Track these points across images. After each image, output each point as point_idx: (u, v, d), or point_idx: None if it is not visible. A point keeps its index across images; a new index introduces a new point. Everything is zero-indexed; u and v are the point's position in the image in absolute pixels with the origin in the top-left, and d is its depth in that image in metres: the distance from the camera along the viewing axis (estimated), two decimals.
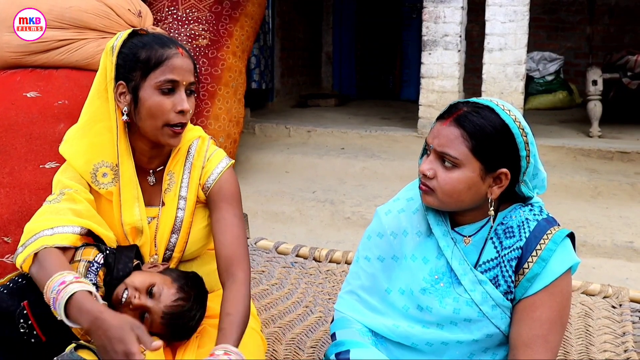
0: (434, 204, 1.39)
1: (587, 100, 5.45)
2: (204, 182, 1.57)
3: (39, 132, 2.71)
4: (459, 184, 1.34)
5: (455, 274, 1.40)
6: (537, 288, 1.34)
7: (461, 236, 1.44)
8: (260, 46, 6.65)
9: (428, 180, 1.38)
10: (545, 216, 1.40)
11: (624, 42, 7.28)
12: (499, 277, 1.38)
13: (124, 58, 1.48)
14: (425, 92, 5.21)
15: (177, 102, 1.46)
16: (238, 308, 1.41)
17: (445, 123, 1.36)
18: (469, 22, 5.31)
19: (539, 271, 1.34)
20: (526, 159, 1.35)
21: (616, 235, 3.72)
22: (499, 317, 1.38)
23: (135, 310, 1.40)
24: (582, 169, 4.71)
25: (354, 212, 4.18)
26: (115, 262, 1.47)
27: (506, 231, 1.39)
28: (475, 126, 1.32)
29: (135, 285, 1.42)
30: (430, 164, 1.38)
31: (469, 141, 1.33)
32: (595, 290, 1.91)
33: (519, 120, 1.35)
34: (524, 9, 4.86)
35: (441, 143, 1.35)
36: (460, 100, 1.41)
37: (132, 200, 1.53)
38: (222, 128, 4.39)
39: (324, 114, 6.83)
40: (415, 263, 1.44)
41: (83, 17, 3.03)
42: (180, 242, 1.57)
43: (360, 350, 1.41)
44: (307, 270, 2.15)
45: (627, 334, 1.75)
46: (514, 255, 1.37)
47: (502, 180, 1.36)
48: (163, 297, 1.42)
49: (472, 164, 1.33)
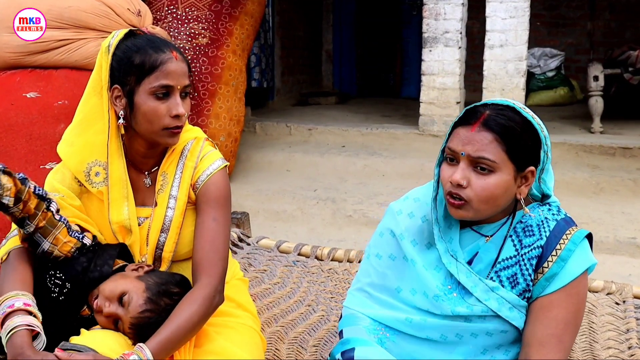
0: (468, 216, 1.37)
1: (589, 96, 5.43)
2: (194, 183, 1.57)
3: (39, 132, 2.71)
4: (497, 189, 1.33)
5: (465, 288, 1.40)
6: (555, 287, 1.34)
7: (482, 235, 1.43)
8: (260, 45, 6.64)
9: (461, 190, 1.34)
10: (564, 216, 1.41)
11: (624, 37, 7.26)
12: (518, 275, 1.38)
13: (118, 61, 1.47)
14: (426, 90, 5.20)
15: (172, 106, 1.46)
16: (181, 312, 1.40)
17: (473, 129, 1.34)
18: (469, 18, 5.30)
19: (557, 271, 1.34)
20: (546, 154, 1.37)
21: (619, 231, 3.71)
22: (518, 318, 1.38)
23: (106, 317, 1.40)
24: (584, 165, 4.70)
25: (355, 210, 4.17)
26: (95, 257, 1.47)
27: (525, 230, 1.39)
28: (506, 128, 1.32)
29: (105, 294, 1.41)
30: (462, 172, 1.34)
31: (503, 144, 1.32)
32: (598, 287, 1.90)
33: (535, 116, 1.38)
34: (524, 5, 4.85)
35: (477, 149, 1.33)
36: (477, 104, 1.40)
37: (120, 199, 1.53)
38: (223, 127, 4.39)
39: (324, 112, 6.82)
40: (427, 272, 1.44)
41: (82, 17, 3.03)
42: (169, 242, 1.55)
43: (365, 348, 1.40)
44: (309, 269, 2.14)
45: (631, 330, 1.75)
46: (534, 254, 1.37)
47: (528, 178, 1.37)
48: (131, 307, 1.40)
49: (507, 166, 1.33)
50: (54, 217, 1.42)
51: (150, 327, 1.39)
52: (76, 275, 1.44)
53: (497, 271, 1.40)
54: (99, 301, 1.41)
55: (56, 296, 1.42)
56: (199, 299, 1.43)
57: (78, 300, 1.43)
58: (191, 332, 1.42)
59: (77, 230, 1.48)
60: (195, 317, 1.41)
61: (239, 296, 1.70)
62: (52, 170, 1.59)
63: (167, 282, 1.47)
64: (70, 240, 1.44)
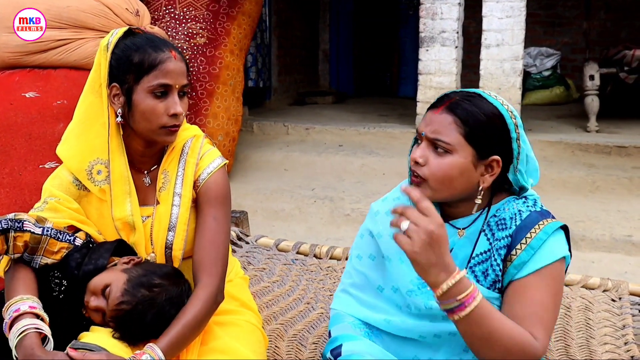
0: (426, 194, 1.37)
1: (585, 95, 5.46)
2: (195, 181, 1.58)
3: (39, 132, 2.71)
4: (452, 170, 1.34)
5: None
6: (525, 274, 1.32)
7: (455, 228, 1.44)
8: (257, 44, 6.65)
9: (419, 168, 1.37)
10: (539, 209, 1.39)
11: (620, 36, 7.29)
12: (489, 268, 1.38)
13: (117, 60, 1.48)
14: (423, 89, 5.21)
15: (170, 105, 1.47)
16: (187, 311, 1.42)
17: (437, 111, 1.37)
18: (465, 18, 5.32)
19: (526, 259, 1.32)
20: (517, 142, 1.36)
21: (615, 229, 3.73)
22: None
23: (94, 311, 1.41)
24: (580, 164, 4.72)
25: (353, 209, 4.18)
26: (90, 252, 1.47)
27: (499, 223, 1.39)
28: (468, 113, 1.34)
29: (91, 289, 1.41)
30: (422, 151, 1.37)
31: (461, 127, 1.33)
32: (594, 283, 1.92)
33: (506, 104, 1.38)
34: (520, 4, 4.87)
35: (434, 130, 1.35)
36: (451, 91, 1.42)
37: (123, 195, 1.54)
38: (221, 126, 4.40)
39: (321, 111, 6.83)
40: (402, 265, 1.44)
41: (81, 17, 3.03)
42: (178, 239, 1.56)
43: (352, 342, 1.42)
44: (307, 267, 2.15)
45: (627, 326, 1.77)
46: (503, 243, 1.36)
47: (493, 168, 1.36)
48: (110, 299, 1.39)
49: (465, 150, 1.34)
50: (35, 234, 1.41)
51: (127, 320, 1.38)
52: (71, 271, 1.44)
53: (471, 267, 1.40)
54: (86, 296, 1.41)
55: (57, 294, 1.43)
56: (202, 298, 1.45)
57: (76, 297, 1.44)
58: (197, 329, 1.44)
59: (67, 233, 1.47)
60: (200, 315, 1.43)
61: (242, 294, 1.71)
62: (50, 176, 1.59)
63: (150, 273, 1.44)
64: (61, 245, 1.45)
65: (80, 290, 1.43)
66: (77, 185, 1.55)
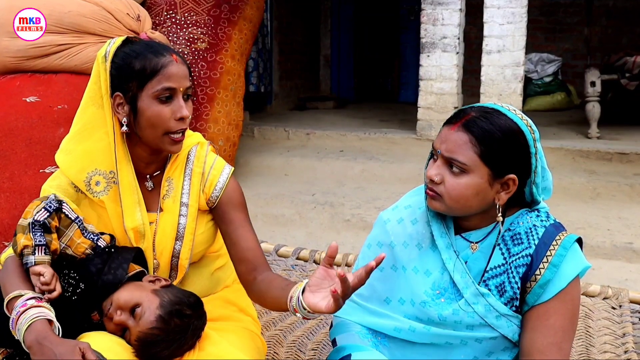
0: (441, 209, 1.38)
1: (586, 102, 5.45)
2: (209, 192, 1.57)
3: (39, 136, 2.72)
4: (467, 190, 1.34)
5: (458, 287, 1.40)
6: (551, 294, 1.34)
7: (468, 242, 1.43)
8: (258, 49, 6.66)
9: (435, 186, 1.37)
10: (553, 222, 1.40)
11: (621, 43, 7.29)
12: (506, 284, 1.38)
13: (117, 68, 1.47)
14: (424, 95, 5.21)
15: (175, 109, 1.46)
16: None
17: (453, 128, 1.35)
18: (467, 24, 5.32)
19: (551, 277, 1.34)
20: (535, 156, 1.35)
21: (615, 236, 3.72)
22: (505, 327, 1.38)
23: (116, 325, 1.41)
24: (580, 170, 4.71)
25: (353, 215, 4.18)
26: (110, 260, 1.46)
27: (514, 238, 1.39)
28: (484, 131, 1.32)
29: (120, 303, 1.41)
30: (437, 169, 1.36)
31: (477, 147, 1.32)
32: (595, 291, 1.91)
33: (525, 118, 1.37)
34: (521, 10, 4.87)
35: (449, 148, 1.34)
36: (468, 106, 1.40)
37: (133, 205, 1.54)
38: (222, 131, 4.40)
39: (322, 116, 6.84)
40: (417, 276, 1.43)
41: (82, 22, 3.04)
42: (185, 249, 1.56)
43: (361, 353, 1.41)
44: (307, 273, 2.15)
45: (627, 335, 1.76)
46: (522, 262, 1.36)
47: (509, 186, 1.36)
48: (142, 321, 1.39)
49: (481, 170, 1.33)
50: (68, 217, 1.45)
51: (155, 344, 1.39)
52: (90, 277, 1.44)
53: (485, 280, 1.40)
54: (111, 308, 1.41)
55: (69, 295, 1.42)
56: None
57: (90, 302, 1.43)
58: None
59: (92, 232, 1.48)
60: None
61: (241, 300, 1.71)
62: (49, 177, 1.59)
63: (181, 302, 1.46)
64: (84, 241, 1.45)
65: (96, 297, 1.43)
66: (76, 188, 1.55)
